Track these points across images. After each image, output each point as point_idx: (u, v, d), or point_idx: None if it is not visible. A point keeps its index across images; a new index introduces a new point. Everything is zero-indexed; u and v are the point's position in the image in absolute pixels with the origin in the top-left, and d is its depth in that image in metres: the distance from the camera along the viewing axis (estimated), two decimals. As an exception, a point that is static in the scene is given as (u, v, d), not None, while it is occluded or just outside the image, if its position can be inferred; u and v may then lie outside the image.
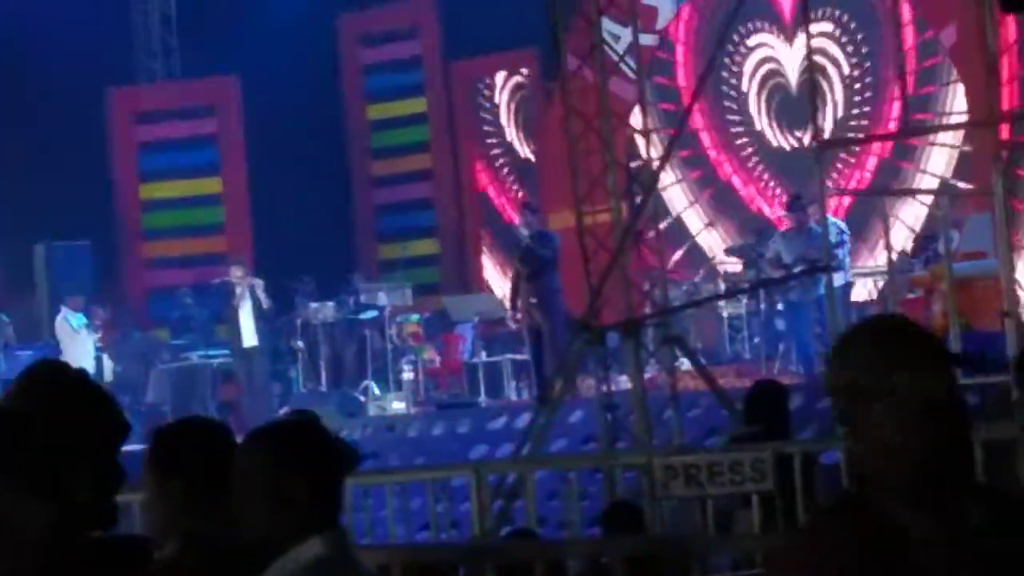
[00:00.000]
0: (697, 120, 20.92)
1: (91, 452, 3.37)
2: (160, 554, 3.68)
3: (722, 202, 21.64)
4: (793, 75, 20.84)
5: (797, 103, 20.02)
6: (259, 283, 20.00)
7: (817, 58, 17.95)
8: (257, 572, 3.32)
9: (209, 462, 3.60)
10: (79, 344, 19.82)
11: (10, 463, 3.17)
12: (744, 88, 21.50)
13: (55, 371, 3.50)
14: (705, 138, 21.69)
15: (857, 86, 20.53)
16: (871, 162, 20.30)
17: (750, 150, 21.50)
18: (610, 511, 9.40)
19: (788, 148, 20.96)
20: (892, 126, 19.82)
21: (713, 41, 16.90)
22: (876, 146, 20.15)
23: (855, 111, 20.48)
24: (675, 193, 21.81)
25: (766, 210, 21.07)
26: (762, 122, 21.39)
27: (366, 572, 3.52)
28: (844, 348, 2.87)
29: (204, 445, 3.70)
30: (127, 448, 3.52)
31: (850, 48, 20.61)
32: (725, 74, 21.26)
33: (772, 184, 21.19)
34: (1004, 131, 13.56)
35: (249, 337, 20.03)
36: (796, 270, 16.16)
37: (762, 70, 21.34)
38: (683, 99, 20.23)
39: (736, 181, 21.57)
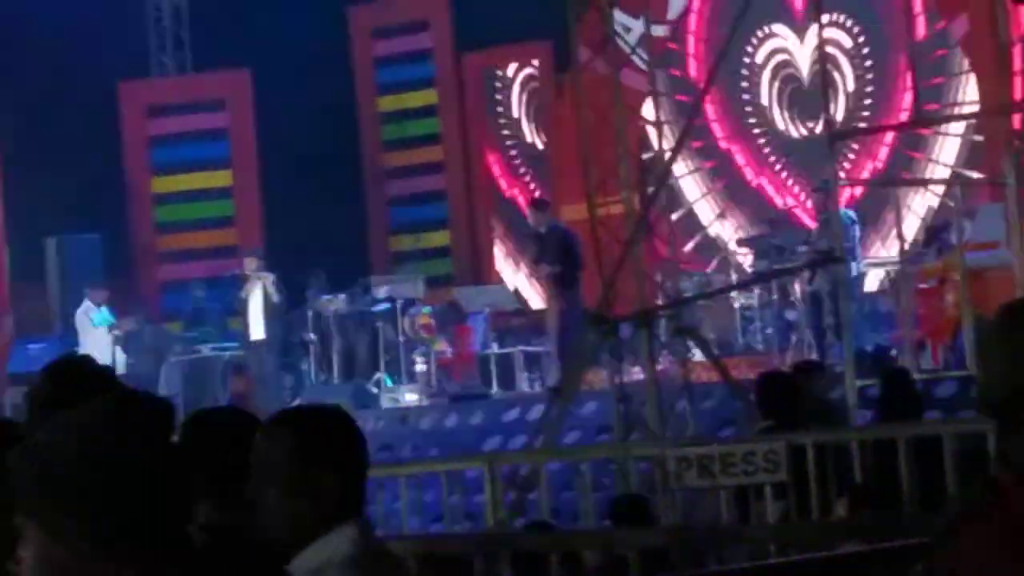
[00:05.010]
0: (710, 111, 20.84)
1: None
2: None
3: (735, 192, 21.58)
4: (805, 65, 20.73)
5: (809, 94, 19.94)
6: (270, 276, 20.01)
7: (829, 49, 17.84)
8: (280, 563, 3.27)
9: (232, 452, 3.58)
10: (96, 338, 19.83)
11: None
12: (756, 79, 21.42)
13: (84, 369, 3.48)
14: (717, 128, 21.62)
15: (869, 76, 20.47)
16: (882, 152, 20.23)
17: (763, 140, 21.42)
18: (617, 505, 9.39)
19: (800, 137, 20.87)
20: (904, 116, 19.75)
21: (724, 32, 16.85)
22: (887, 136, 20.07)
23: (866, 101, 20.42)
24: (687, 184, 21.76)
25: (778, 200, 21.02)
26: (774, 112, 21.32)
27: (393, 559, 3.47)
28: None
29: (227, 435, 3.69)
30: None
31: (862, 38, 20.55)
32: (737, 66, 21.17)
33: (785, 174, 21.12)
34: (1016, 120, 13.54)
35: (257, 330, 20.04)
36: (806, 260, 16.12)
37: (773, 61, 21.26)
38: (696, 89, 20.15)
39: (748, 172, 21.50)
